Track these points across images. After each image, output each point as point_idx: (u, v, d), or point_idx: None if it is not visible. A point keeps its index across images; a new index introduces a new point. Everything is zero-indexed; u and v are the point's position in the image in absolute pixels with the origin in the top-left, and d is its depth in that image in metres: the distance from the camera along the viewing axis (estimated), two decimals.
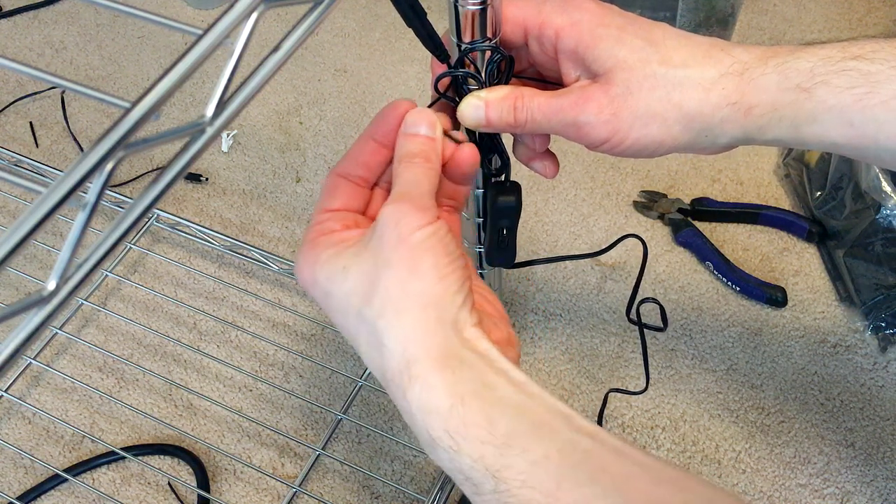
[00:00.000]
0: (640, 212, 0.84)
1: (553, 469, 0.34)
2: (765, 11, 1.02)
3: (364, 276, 0.38)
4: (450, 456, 0.35)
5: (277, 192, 0.89)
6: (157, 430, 0.73)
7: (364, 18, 1.07)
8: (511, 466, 0.34)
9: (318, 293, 0.40)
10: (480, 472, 0.34)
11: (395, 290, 0.37)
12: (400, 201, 0.39)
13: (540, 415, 0.35)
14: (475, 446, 0.34)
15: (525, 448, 0.34)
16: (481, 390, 0.35)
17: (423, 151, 0.42)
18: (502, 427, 0.34)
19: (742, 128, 0.42)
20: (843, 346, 0.73)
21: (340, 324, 0.39)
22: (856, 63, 0.40)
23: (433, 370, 0.35)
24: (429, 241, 0.37)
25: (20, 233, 0.24)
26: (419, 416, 0.35)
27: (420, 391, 0.35)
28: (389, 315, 0.36)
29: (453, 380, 0.35)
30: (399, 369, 0.36)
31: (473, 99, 0.45)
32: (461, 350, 0.36)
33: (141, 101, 0.26)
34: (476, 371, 0.36)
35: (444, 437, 0.35)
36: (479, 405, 0.35)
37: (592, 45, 0.43)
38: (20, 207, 0.89)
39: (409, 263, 0.37)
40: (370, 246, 0.38)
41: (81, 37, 1.08)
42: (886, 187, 0.71)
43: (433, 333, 0.36)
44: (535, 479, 0.33)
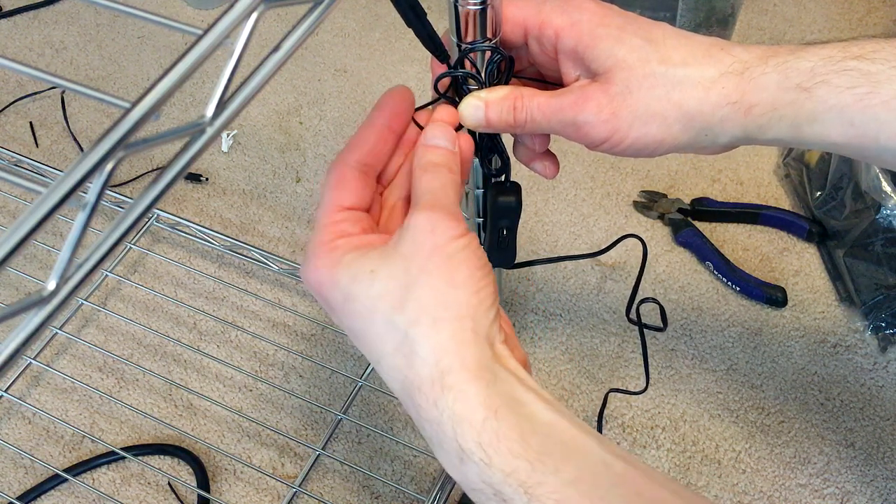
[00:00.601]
0: (640, 212, 0.84)
1: (587, 490, 0.33)
2: (765, 11, 1.02)
3: (395, 282, 0.37)
4: (480, 469, 0.34)
5: (277, 192, 0.89)
6: (157, 430, 0.73)
7: (364, 18, 1.07)
8: (544, 483, 0.33)
9: (335, 295, 0.38)
10: (512, 488, 0.34)
11: (432, 298, 0.36)
12: (433, 209, 0.38)
13: (572, 434, 0.35)
14: (508, 460, 0.34)
15: (558, 467, 0.34)
16: (514, 405, 0.35)
17: (446, 162, 0.42)
18: (535, 443, 0.34)
19: (742, 127, 0.42)
20: (843, 346, 0.73)
21: (361, 328, 0.38)
22: (856, 63, 0.40)
23: (468, 381, 0.35)
24: (465, 251, 0.37)
25: (20, 233, 0.23)
26: (450, 426, 0.35)
27: (453, 401, 0.35)
28: (425, 323, 0.36)
29: (487, 393, 0.35)
30: (432, 378, 0.35)
31: (473, 99, 0.44)
32: (494, 364, 0.36)
33: (141, 101, 0.26)
34: (508, 386, 0.36)
35: (476, 449, 0.34)
36: (513, 419, 0.34)
37: (592, 44, 0.43)
38: (20, 207, 0.89)
39: (447, 273, 0.37)
40: (401, 251, 0.37)
41: (81, 37, 1.08)
42: (886, 187, 0.71)
43: (469, 345, 0.36)
44: (568, 499, 0.33)
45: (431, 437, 0.36)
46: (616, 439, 0.69)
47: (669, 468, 0.68)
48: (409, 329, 0.36)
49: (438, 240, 0.37)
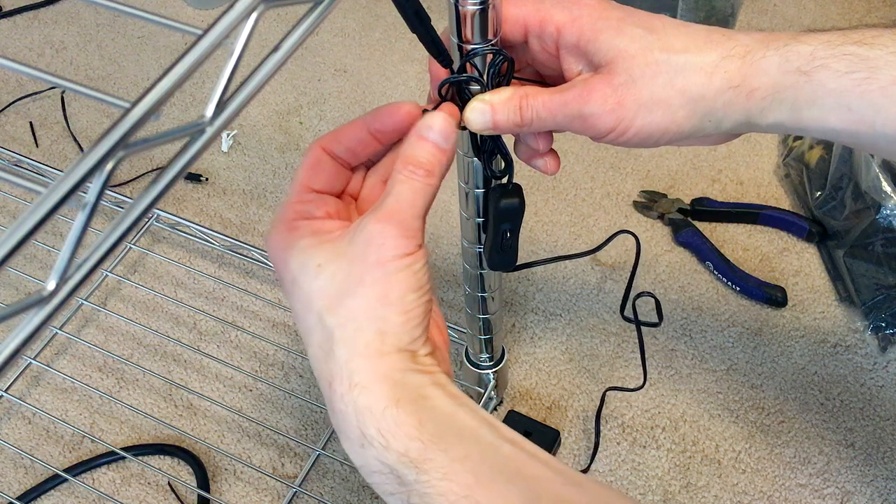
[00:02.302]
0: (640, 212, 0.84)
1: (472, 467, 0.36)
2: (765, 11, 1.02)
3: (334, 283, 0.39)
4: (378, 452, 0.37)
5: (277, 192, 0.89)
6: (157, 430, 0.73)
7: (364, 18, 1.07)
8: (433, 460, 0.36)
9: (285, 276, 0.41)
10: (405, 465, 0.36)
11: (361, 309, 0.38)
12: (389, 221, 0.39)
13: (467, 422, 0.38)
14: (403, 442, 0.36)
15: (448, 448, 0.36)
16: (417, 398, 0.37)
17: (429, 163, 0.42)
18: (430, 428, 0.36)
19: (745, 111, 0.42)
20: (843, 346, 0.73)
21: (298, 313, 0.40)
22: (856, 48, 0.40)
23: (375, 381, 0.37)
24: (405, 272, 0.39)
25: (20, 233, 0.23)
26: (353, 416, 0.37)
27: (358, 395, 0.37)
28: (350, 330, 0.38)
29: (393, 389, 0.37)
30: (342, 376, 0.38)
31: (479, 104, 0.44)
32: (405, 373, 0.38)
33: (141, 101, 0.26)
34: (416, 383, 0.38)
35: (376, 435, 0.36)
36: (412, 409, 0.37)
37: (594, 37, 0.43)
38: (20, 207, 0.89)
39: (382, 289, 0.38)
40: (348, 254, 0.39)
41: (81, 37, 1.08)
42: (886, 187, 0.71)
43: (382, 355, 0.38)
44: (454, 473, 0.36)
45: (338, 426, 0.38)
46: (616, 439, 0.69)
47: (669, 468, 0.68)
48: (335, 330, 0.38)
49: (383, 255, 0.38)
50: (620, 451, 0.69)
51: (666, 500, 0.66)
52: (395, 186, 0.41)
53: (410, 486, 0.36)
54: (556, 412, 0.71)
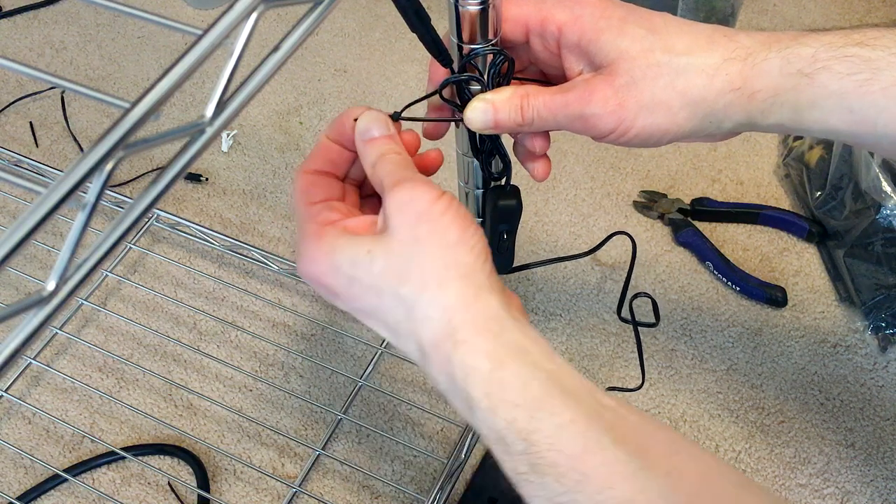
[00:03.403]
0: (640, 212, 0.84)
1: (579, 433, 0.36)
2: (765, 11, 1.02)
3: (394, 257, 0.39)
4: (485, 416, 0.37)
5: (277, 192, 0.89)
6: (157, 430, 0.73)
7: (364, 18, 1.07)
8: (540, 430, 0.36)
9: (339, 281, 0.40)
10: (512, 434, 0.36)
11: (432, 264, 0.38)
12: (402, 183, 0.40)
13: (569, 382, 0.37)
14: (509, 409, 0.36)
15: (553, 412, 0.36)
16: (518, 354, 0.37)
17: (390, 148, 0.43)
18: (534, 390, 0.36)
19: (746, 112, 0.43)
20: (843, 346, 0.73)
21: (371, 306, 0.40)
22: (857, 49, 0.40)
23: (476, 335, 0.37)
24: (449, 211, 0.39)
25: (20, 233, 0.24)
26: (461, 377, 0.37)
27: (465, 354, 0.37)
28: (431, 288, 0.38)
29: (494, 344, 0.37)
30: (444, 335, 0.37)
31: (480, 103, 0.45)
32: (499, 313, 0.38)
33: (141, 102, 0.26)
34: (513, 335, 0.38)
35: (482, 398, 0.36)
36: (516, 368, 0.37)
37: (595, 37, 0.43)
38: (20, 207, 0.89)
39: (439, 236, 0.38)
40: (390, 229, 0.39)
41: (81, 37, 1.08)
42: (886, 187, 0.71)
43: (474, 301, 0.38)
44: (561, 442, 0.35)
45: (446, 389, 0.38)
46: None
47: None
48: (419, 296, 0.38)
49: (419, 207, 0.39)
50: None
51: None
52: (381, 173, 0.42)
53: (518, 455, 0.36)
54: None
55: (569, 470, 0.35)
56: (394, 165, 0.42)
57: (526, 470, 0.36)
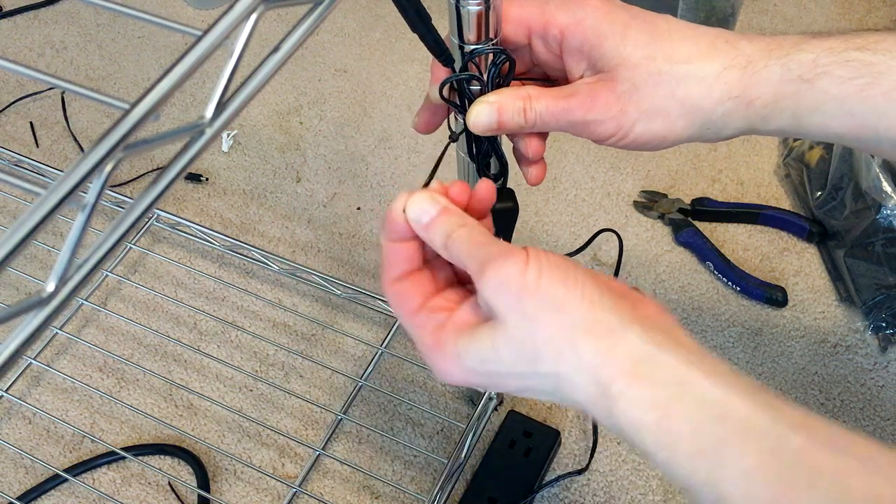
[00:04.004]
0: (640, 212, 0.84)
1: (770, 476, 0.33)
2: (765, 11, 1.02)
3: (517, 343, 0.37)
4: (665, 468, 0.35)
5: (277, 192, 0.89)
6: (157, 430, 0.73)
7: (364, 18, 1.07)
8: (726, 480, 0.34)
9: (479, 379, 0.40)
10: (699, 484, 0.34)
11: (555, 333, 0.37)
12: (486, 265, 0.38)
13: (743, 412, 0.34)
14: (688, 460, 0.34)
15: (738, 456, 0.34)
16: (680, 392, 0.35)
17: (451, 225, 0.41)
18: (709, 435, 0.34)
19: (745, 119, 0.43)
20: (843, 346, 0.73)
21: (519, 387, 0.39)
22: (858, 54, 0.40)
23: (630, 385, 0.35)
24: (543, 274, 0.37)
25: (20, 233, 0.24)
26: (630, 431, 0.35)
27: (625, 409, 0.35)
28: (568, 356, 0.36)
29: (651, 389, 0.35)
30: (598, 395, 0.36)
31: (484, 105, 0.44)
32: (644, 350, 0.36)
33: (141, 102, 0.26)
34: (667, 370, 0.35)
35: (658, 452, 0.35)
36: (683, 411, 0.35)
37: (598, 42, 0.43)
38: (20, 207, 0.89)
39: (547, 305, 0.37)
40: (498, 315, 0.38)
41: (81, 37, 1.08)
42: (886, 187, 0.71)
43: (612, 348, 0.36)
44: (753, 488, 0.33)
45: (619, 436, 0.38)
46: (616, 439, 0.69)
47: None
48: (559, 370, 0.37)
49: (513, 286, 0.37)
50: (621, 450, 0.69)
51: (666, 500, 0.66)
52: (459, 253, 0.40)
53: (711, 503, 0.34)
54: (556, 412, 0.71)
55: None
56: (466, 245, 0.40)
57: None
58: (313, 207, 0.88)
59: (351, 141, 0.93)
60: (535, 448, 0.67)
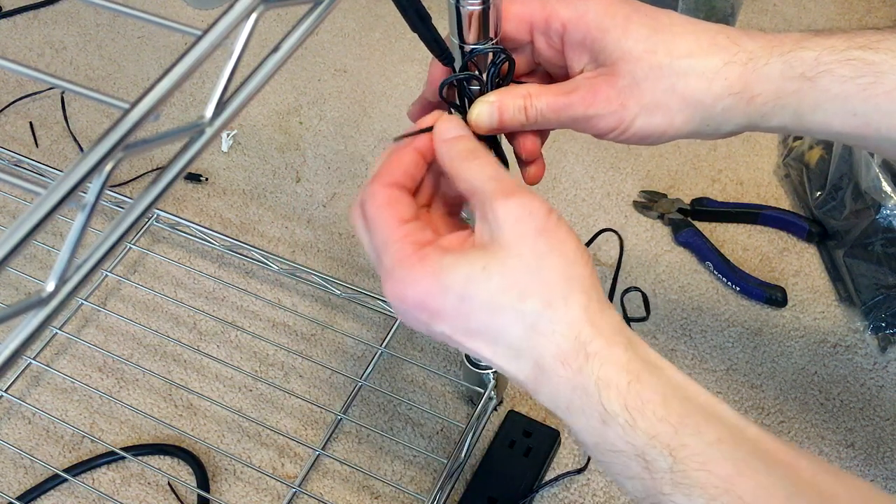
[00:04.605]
0: (640, 212, 0.84)
1: (728, 453, 0.34)
2: (765, 11, 1.02)
3: (513, 273, 0.37)
4: (623, 431, 0.35)
5: (277, 192, 0.89)
6: (157, 430, 0.73)
7: (364, 18, 1.07)
8: (687, 447, 0.34)
9: (447, 300, 0.38)
10: (657, 450, 0.34)
11: (556, 279, 0.37)
12: (515, 194, 0.38)
13: (705, 398, 0.36)
14: (652, 423, 0.35)
15: (699, 430, 0.34)
16: (652, 369, 0.36)
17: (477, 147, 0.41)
18: (676, 406, 0.35)
19: (745, 115, 0.43)
20: (843, 346, 0.73)
21: (482, 324, 0.38)
22: (860, 52, 0.40)
23: (609, 347, 0.36)
24: (562, 224, 0.39)
25: (20, 233, 0.24)
26: (595, 390, 0.36)
27: (599, 367, 0.36)
28: (558, 303, 0.37)
29: (627, 357, 0.36)
30: (573, 349, 0.36)
31: (484, 105, 0.44)
32: (623, 328, 0.37)
33: (140, 102, 0.26)
34: (641, 349, 0.37)
35: (620, 411, 0.35)
36: (653, 383, 0.36)
37: (600, 36, 0.43)
38: (20, 207, 0.89)
39: (559, 251, 0.38)
40: (504, 243, 0.38)
41: (81, 37, 1.08)
42: (886, 187, 0.71)
43: (600, 313, 0.37)
44: (712, 462, 0.34)
45: (571, 403, 0.37)
46: None
47: None
48: (543, 312, 0.37)
49: (538, 222, 0.38)
50: None
51: None
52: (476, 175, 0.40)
53: (662, 473, 0.34)
54: None
55: (721, 493, 0.33)
56: (490, 168, 0.40)
57: (670, 490, 0.34)
58: (313, 207, 0.88)
59: (351, 141, 0.93)
60: (534, 448, 0.67)
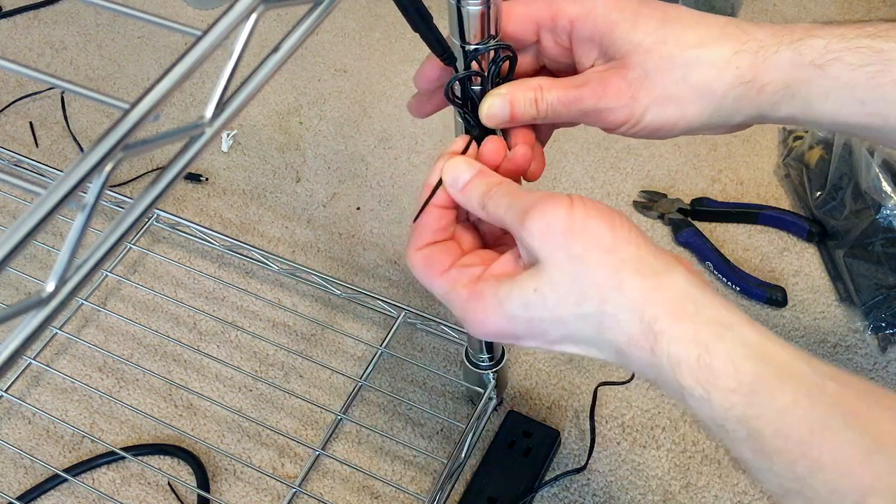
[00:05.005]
0: (640, 212, 0.84)
1: (804, 415, 0.34)
2: (765, 11, 1.02)
3: (562, 285, 0.38)
4: (701, 404, 0.35)
5: (277, 192, 0.89)
6: (157, 430, 0.73)
7: (364, 18, 1.07)
8: (761, 416, 0.34)
9: (519, 327, 0.39)
10: (732, 421, 0.35)
11: (602, 273, 0.37)
12: (530, 211, 0.38)
13: (781, 356, 0.35)
14: (724, 395, 0.35)
15: (773, 394, 0.34)
16: (722, 332, 0.36)
17: (489, 184, 0.42)
18: (748, 373, 0.35)
19: (756, 105, 0.43)
20: (843, 346, 0.73)
21: (556, 336, 0.39)
22: (869, 41, 0.40)
23: (674, 322, 0.36)
24: (589, 214, 0.38)
25: (20, 233, 0.24)
26: (668, 368, 0.36)
27: (667, 344, 0.36)
28: (613, 296, 0.37)
29: (694, 326, 0.36)
30: (641, 333, 0.36)
31: (496, 98, 0.44)
32: (688, 291, 0.37)
33: (140, 102, 0.26)
34: (710, 311, 0.36)
35: (694, 386, 0.35)
36: (724, 350, 0.35)
37: (608, 31, 0.43)
38: (20, 207, 0.89)
39: (594, 245, 0.37)
40: (543, 259, 0.38)
41: (81, 37, 1.08)
42: (886, 187, 0.71)
43: (658, 288, 0.37)
44: (787, 427, 0.34)
45: (655, 380, 0.37)
46: (616, 439, 0.69)
47: (669, 468, 0.68)
48: (604, 308, 0.37)
49: (560, 226, 0.38)
50: (620, 450, 0.69)
51: (666, 500, 0.66)
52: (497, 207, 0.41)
53: (740, 442, 0.35)
54: (555, 412, 0.71)
55: (799, 456, 0.33)
56: (506, 198, 0.41)
57: (751, 456, 0.35)
58: (313, 207, 0.88)
59: (351, 141, 0.93)
60: (534, 448, 0.67)
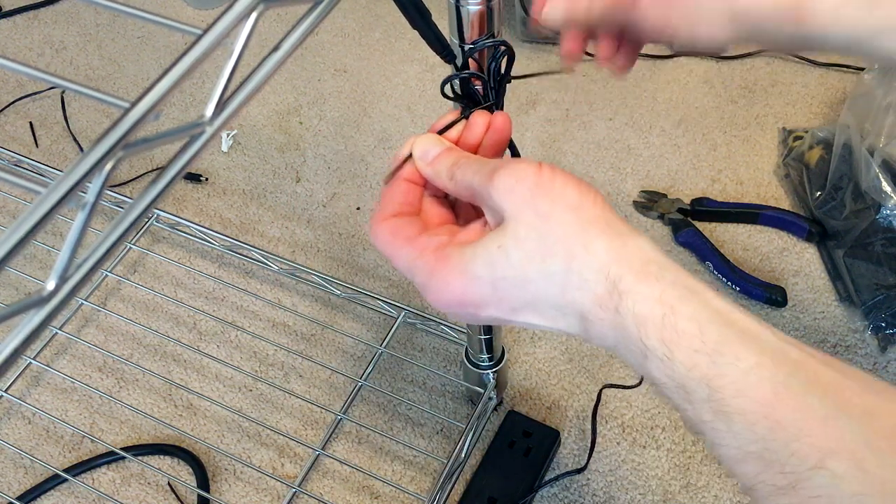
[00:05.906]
0: (640, 212, 0.84)
1: (767, 377, 0.34)
2: None
3: (528, 241, 0.37)
4: (663, 364, 0.35)
5: (277, 192, 0.89)
6: (157, 430, 0.73)
7: (364, 18, 1.07)
8: (724, 375, 0.34)
9: (482, 290, 0.38)
10: (695, 381, 0.34)
11: (569, 231, 0.37)
12: (497, 171, 0.38)
13: (745, 322, 0.35)
14: (688, 355, 0.34)
15: (737, 356, 0.34)
16: (687, 296, 0.36)
17: (458, 153, 0.42)
18: (713, 334, 0.35)
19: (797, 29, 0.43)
20: (843, 346, 0.73)
21: (521, 299, 0.38)
22: None
23: (639, 281, 0.36)
24: (557, 174, 0.38)
25: (20, 233, 0.23)
26: (633, 327, 0.36)
27: (633, 303, 0.36)
28: (580, 253, 0.37)
29: (660, 287, 0.36)
30: (606, 292, 0.36)
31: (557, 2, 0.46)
32: (653, 255, 0.37)
33: (140, 102, 0.26)
34: (674, 274, 0.36)
35: (658, 346, 0.35)
36: (689, 311, 0.35)
37: None
38: (20, 207, 0.89)
39: (562, 203, 0.38)
40: (509, 217, 0.38)
41: (81, 37, 1.08)
42: (886, 187, 0.71)
43: (624, 248, 0.37)
44: (749, 388, 0.33)
45: (616, 345, 0.37)
46: (616, 439, 0.69)
47: (669, 468, 0.68)
48: (570, 265, 0.37)
49: (528, 184, 0.38)
50: (620, 451, 0.69)
51: (666, 500, 0.66)
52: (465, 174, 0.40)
53: (701, 403, 0.34)
54: (555, 412, 0.71)
55: (760, 417, 0.33)
56: (475, 164, 0.40)
57: (711, 418, 0.34)
58: (313, 207, 0.88)
59: (350, 141, 0.93)
60: (534, 448, 0.67)
